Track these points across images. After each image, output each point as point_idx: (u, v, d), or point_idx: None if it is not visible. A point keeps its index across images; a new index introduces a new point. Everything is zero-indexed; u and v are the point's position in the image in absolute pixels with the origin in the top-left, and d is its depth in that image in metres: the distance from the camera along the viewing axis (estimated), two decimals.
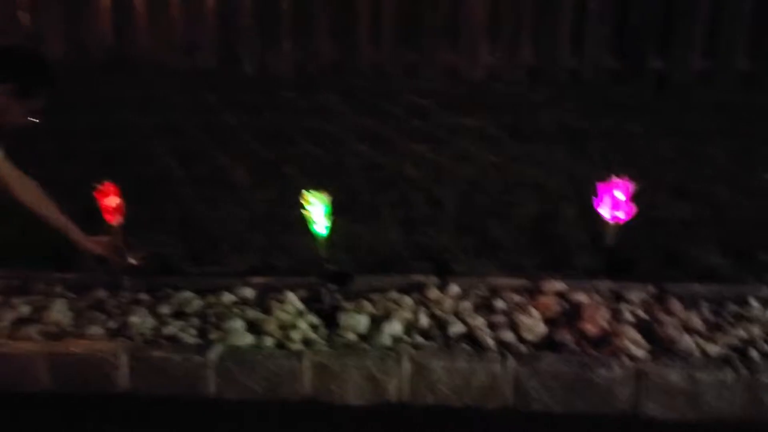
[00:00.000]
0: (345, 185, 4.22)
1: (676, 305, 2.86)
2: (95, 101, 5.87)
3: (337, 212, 3.11)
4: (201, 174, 4.46)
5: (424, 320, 2.86)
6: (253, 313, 2.98)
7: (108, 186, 2.99)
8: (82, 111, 5.56)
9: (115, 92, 6.08)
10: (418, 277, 3.17)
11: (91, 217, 3.15)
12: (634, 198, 2.96)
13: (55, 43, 6.75)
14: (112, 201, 2.98)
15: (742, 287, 3.00)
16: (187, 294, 3.16)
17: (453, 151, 4.67)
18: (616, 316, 2.80)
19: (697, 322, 2.75)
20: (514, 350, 2.64)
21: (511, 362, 2.55)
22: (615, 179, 2.73)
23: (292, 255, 3.48)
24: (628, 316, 2.80)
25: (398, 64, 6.37)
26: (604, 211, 2.74)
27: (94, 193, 2.97)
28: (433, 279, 3.15)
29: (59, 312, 3.01)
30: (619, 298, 2.96)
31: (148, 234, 3.57)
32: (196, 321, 2.97)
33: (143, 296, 3.20)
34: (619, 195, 2.73)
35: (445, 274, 3.18)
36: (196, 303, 3.10)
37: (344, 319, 2.88)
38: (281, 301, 3.07)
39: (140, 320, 2.95)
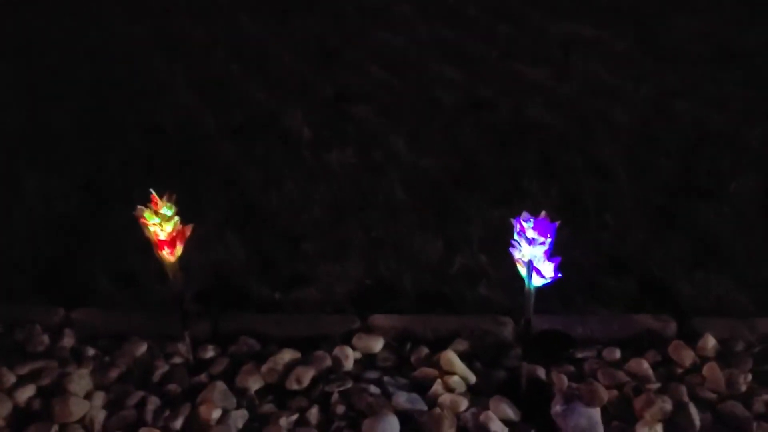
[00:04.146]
0: (454, 136, 2.98)
1: None
2: None
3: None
4: (239, 122, 3.14)
5: (695, 415, 1.78)
6: (404, 398, 1.85)
7: (155, 200, 1.71)
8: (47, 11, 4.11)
9: None
10: (643, 319, 2.06)
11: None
12: None
13: None
14: (168, 223, 1.72)
15: None
16: (284, 354, 1.99)
17: (580, 77, 3.41)
18: None
19: None
20: None
21: None
22: None
23: (418, 266, 2.33)
24: None
25: None
26: None
27: (138, 218, 1.71)
28: (668, 323, 2.05)
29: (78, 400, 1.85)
30: None
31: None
32: (315, 412, 1.81)
33: (210, 352, 2.03)
34: None
35: (680, 311, 2.08)
36: (302, 371, 1.94)
37: (563, 412, 1.79)
38: (437, 366, 1.94)
39: (218, 405, 1.82)
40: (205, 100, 3.29)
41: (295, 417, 1.81)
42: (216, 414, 1.81)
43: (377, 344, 2.04)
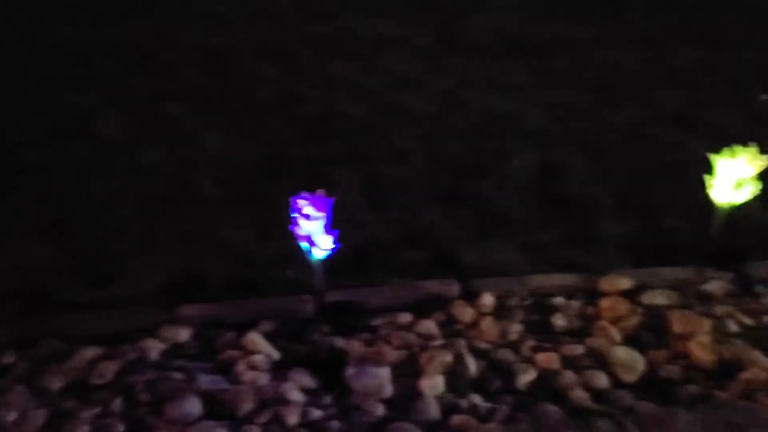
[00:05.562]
0: (265, 130, 3.08)
1: None
2: None
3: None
4: (51, 128, 3.05)
5: (471, 364, 1.99)
6: (206, 380, 1.93)
7: None
8: None
9: None
10: (430, 285, 2.27)
11: None
12: None
13: None
14: None
15: None
16: (86, 351, 2.00)
17: (386, 72, 3.63)
18: (719, 327, 2.12)
19: None
20: (619, 403, 1.88)
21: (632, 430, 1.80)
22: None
23: (228, 255, 2.41)
24: (732, 326, 2.13)
25: None
26: (722, 191, 1.99)
27: None
28: (452, 286, 2.26)
29: None
30: (702, 295, 2.27)
31: None
32: (119, 403, 1.86)
33: (9, 358, 2.01)
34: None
35: (464, 275, 2.31)
36: (105, 365, 1.97)
37: (355, 375, 1.94)
38: (241, 348, 2.04)
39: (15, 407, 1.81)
40: (13, 106, 3.18)
41: (97, 410, 1.84)
42: (12, 416, 1.80)
43: (184, 333, 2.10)
